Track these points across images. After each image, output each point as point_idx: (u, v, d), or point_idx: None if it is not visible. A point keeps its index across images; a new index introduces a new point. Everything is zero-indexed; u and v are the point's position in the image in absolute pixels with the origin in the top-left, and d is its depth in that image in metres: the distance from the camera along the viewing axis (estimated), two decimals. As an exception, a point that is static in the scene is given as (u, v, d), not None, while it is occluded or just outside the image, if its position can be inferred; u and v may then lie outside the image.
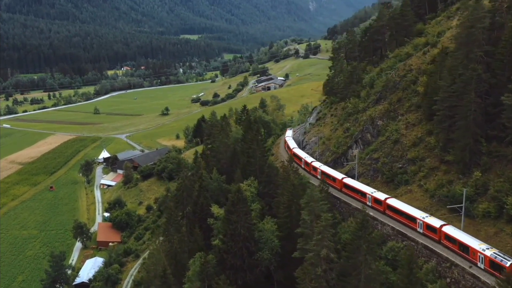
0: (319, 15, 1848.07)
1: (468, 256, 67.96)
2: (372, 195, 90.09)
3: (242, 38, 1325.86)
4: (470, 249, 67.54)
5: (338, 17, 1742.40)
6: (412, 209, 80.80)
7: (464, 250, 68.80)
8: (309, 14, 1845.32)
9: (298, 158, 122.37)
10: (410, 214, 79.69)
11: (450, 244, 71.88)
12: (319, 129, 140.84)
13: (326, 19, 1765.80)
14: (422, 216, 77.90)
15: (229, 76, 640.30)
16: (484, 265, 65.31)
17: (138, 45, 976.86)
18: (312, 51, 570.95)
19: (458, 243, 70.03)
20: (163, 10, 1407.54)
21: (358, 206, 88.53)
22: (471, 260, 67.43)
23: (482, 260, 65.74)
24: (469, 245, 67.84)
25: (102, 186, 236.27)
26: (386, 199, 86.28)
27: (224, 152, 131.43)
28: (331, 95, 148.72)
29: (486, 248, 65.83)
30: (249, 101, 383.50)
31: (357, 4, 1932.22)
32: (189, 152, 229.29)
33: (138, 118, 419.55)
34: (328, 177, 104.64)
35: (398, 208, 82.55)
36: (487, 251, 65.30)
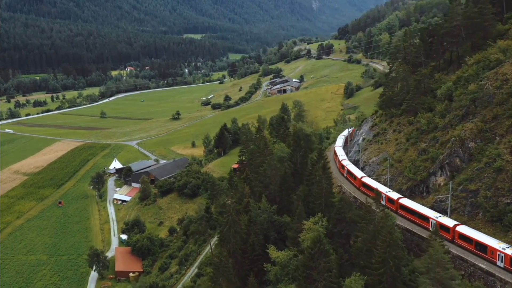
0: (322, 14, 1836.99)
1: (486, 255, 68.20)
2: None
3: (246, 38, 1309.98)
4: (489, 248, 67.73)
5: (341, 16, 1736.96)
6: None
7: (482, 250, 69.14)
8: (313, 13, 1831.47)
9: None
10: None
11: (466, 244, 72.59)
12: (380, 147, 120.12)
13: (329, 18, 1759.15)
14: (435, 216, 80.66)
15: (238, 77, 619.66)
16: (504, 264, 65.20)
17: (141, 45, 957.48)
18: (324, 52, 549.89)
19: (475, 242, 70.57)
20: (166, 9, 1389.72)
21: (482, 263, 68.91)
22: (489, 259, 67.60)
23: (502, 259, 65.75)
24: (488, 244, 68.12)
25: (116, 202, 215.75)
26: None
27: (272, 176, 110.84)
28: (390, 107, 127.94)
29: (506, 247, 65.97)
30: (266, 104, 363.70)
31: (360, 3, 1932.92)
32: (212, 165, 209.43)
33: (148, 122, 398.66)
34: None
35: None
36: (507, 249, 65.29)
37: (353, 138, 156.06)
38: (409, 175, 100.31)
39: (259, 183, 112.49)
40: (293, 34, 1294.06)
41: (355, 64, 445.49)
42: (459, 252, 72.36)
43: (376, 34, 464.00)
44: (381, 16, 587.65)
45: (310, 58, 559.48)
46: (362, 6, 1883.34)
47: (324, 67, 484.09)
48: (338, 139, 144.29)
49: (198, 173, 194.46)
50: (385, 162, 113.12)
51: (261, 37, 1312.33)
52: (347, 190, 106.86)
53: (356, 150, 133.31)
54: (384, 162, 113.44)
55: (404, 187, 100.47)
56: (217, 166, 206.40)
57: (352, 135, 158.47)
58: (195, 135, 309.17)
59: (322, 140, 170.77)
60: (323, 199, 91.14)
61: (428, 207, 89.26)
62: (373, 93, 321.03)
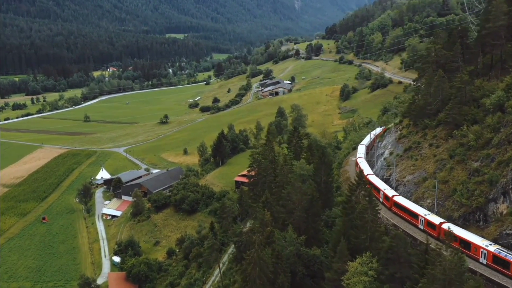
0: (304, 14, 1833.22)
1: (470, 252, 71.34)
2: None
3: (229, 37, 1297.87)
4: (472, 245, 71.08)
5: (324, 16, 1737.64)
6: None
7: (466, 247, 72.01)
8: (295, 12, 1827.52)
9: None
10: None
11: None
12: (416, 163, 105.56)
13: (311, 18, 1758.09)
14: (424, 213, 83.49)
15: (225, 78, 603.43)
16: (487, 261, 68.44)
17: (123, 45, 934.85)
18: (314, 52, 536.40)
19: (459, 240, 73.51)
20: (148, 8, 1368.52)
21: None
22: (473, 256, 70.77)
23: (484, 255, 69.08)
24: (472, 242, 71.58)
25: (105, 217, 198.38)
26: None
27: (298, 200, 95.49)
28: (422, 117, 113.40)
29: (489, 244, 69.50)
30: (258, 108, 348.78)
31: (342, 3, 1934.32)
32: (211, 177, 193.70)
33: (135, 127, 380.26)
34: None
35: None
36: (490, 247, 68.84)
37: (373, 146, 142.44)
38: (461, 200, 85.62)
39: (282, 208, 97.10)
40: (276, 34, 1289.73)
41: (347, 64, 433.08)
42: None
43: (368, 34, 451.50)
44: (370, 15, 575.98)
45: (299, 59, 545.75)
46: (344, 5, 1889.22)
47: (315, 67, 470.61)
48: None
49: (196, 186, 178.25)
50: (424, 182, 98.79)
51: (244, 37, 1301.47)
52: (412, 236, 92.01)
53: (383, 166, 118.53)
54: (423, 182, 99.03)
55: (455, 214, 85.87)
56: (216, 178, 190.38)
57: (374, 141, 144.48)
58: (187, 141, 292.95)
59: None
60: (368, 234, 76.18)
61: (491, 240, 75.51)
62: (371, 95, 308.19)
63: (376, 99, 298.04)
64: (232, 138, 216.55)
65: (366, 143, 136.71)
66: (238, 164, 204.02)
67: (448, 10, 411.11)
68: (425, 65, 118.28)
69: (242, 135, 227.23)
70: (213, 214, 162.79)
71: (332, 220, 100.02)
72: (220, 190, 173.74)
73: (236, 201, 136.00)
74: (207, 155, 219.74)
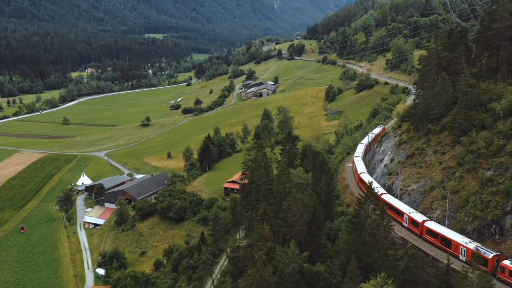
0: (284, 14, 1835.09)
1: (451, 249, 74.10)
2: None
3: (209, 37, 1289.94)
4: (453, 242, 73.51)
5: (303, 16, 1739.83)
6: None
7: (447, 244, 74.96)
8: (274, 12, 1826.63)
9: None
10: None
11: (432, 239, 77.68)
12: (420, 171, 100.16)
13: (291, 18, 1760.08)
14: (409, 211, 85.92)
15: (206, 79, 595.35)
16: (466, 258, 71.16)
17: (102, 45, 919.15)
18: (296, 52, 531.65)
19: (441, 237, 75.88)
20: (126, 8, 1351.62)
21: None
22: (453, 253, 73.11)
23: (464, 252, 71.79)
24: (452, 239, 74.02)
25: (88, 225, 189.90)
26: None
27: (299, 213, 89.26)
28: (424, 122, 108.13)
29: (469, 242, 72.56)
30: (243, 109, 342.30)
31: (321, 3, 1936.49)
32: (198, 183, 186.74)
33: (115, 130, 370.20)
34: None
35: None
36: (469, 244, 71.85)
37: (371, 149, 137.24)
38: (474, 212, 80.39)
39: (282, 221, 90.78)
40: (256, 34, 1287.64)
41: (331, 65, 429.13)
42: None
43: (351, 34, 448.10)
44: (352, 15, 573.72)
45: (282, 59, 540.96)
46: (323, 5, 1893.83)
47: (298, 68, 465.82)
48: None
49: (183, 193, 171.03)
50: (432, 191, 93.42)
51: (224, 37, 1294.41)
52: (399, 235, 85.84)
53: (384, 173, 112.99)
54: (430, 192, 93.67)
55: (468, 227, 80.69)
56: (204, 184, 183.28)
57: (375, 141, 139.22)
58: (170, 144, 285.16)
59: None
60: (381, 252, 70.33)
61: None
62: (357, 97, 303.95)
63: (363, 100, 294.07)
64: (219, 142, 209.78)
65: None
66: (226, 169, 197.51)
67: (431, 10, 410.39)
68: (427, 67, 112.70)
69: (228, 139, 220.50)
70: (202, 223, 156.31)
71: (334, 233, 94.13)
72: (208, 197, 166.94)
73: (229, 210, 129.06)
74: (193, 160, 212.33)
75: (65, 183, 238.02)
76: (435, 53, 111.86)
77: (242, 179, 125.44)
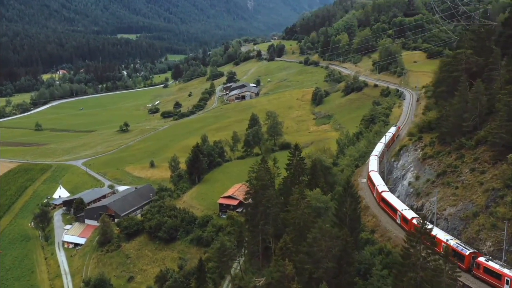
0: (258, 14, 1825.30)
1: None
2: None
3: (183, 38, 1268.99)
4: (436, 239, 71.36)
5: (277, 16, 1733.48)
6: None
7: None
8: (248, 12, 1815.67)
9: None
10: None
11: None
12: (456, 192, 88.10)
13: (265, 18, 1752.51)
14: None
15: (184, 80, 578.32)
16: None
17: (74, 46, 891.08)
18: (276, 53, 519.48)
19: None
20: (97, 8, 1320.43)
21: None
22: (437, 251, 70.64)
23: (445, 249, 69.38)
24: (436, 236, 72.49)
25: (67, 245, 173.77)
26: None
27: (327, 247, 76.28)
28: (455, 135, 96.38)
29: (450, 239, 75.60)
30: (226, 113, 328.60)
31: (294, 3, 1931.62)
32: (188, 197, 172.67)
33: (92, 136, 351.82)
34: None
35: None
36: (451, 241, 74.62)
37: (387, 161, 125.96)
38: (537, 245, 68.87)
39: (307, 256, 77.64)
40: (230, 34, 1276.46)
41: (313, 66, 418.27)
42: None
43: (334, 35, 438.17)
44: (331, 15, 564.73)
45: (261, 60, 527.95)
46: (296, 6, 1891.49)
47: (279, 69, 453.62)
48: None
49: (173, 209, 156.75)
50: (475, 217, 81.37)
51: (199, 37, 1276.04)
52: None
53: (409, 193, 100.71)
54: (473, 218, 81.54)
55: (528, 263, 69.12)
56: (195, 199, 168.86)
57: (388, 148, 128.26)
58: (152, 151, 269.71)
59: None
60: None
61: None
62: (346, 100, 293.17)
63: (352, 104, 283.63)
64: (208, 152, 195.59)
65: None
66: (217, 181, 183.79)
67: (414, 9, 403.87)
68: (455, 73, 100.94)
69: (217, 147, 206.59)
70: (196, 243, 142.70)
71: (365, 267, 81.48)
72: (202, 215, 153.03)
73: (234, 236, 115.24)
74: (180, 171, 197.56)
75: (40, 196, 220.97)
76: (463, 58, 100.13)
77: (246, 199, 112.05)
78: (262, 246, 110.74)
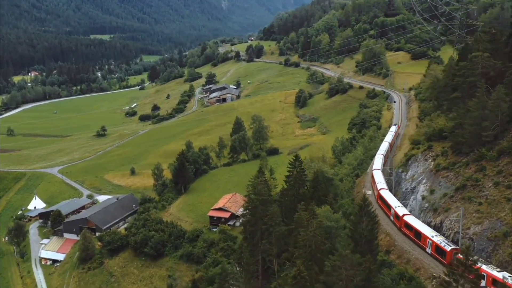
0: (232, 14, 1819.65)
1: (420, 241, 79.66)
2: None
3: (158, 38, 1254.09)
4: (423, 236, 78.90)
5: (252, 16, 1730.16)
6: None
7: (417, 236, 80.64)
8: (223, 12, 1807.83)
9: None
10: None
11: (408, 232, 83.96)
12: (480, 209, 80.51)
13: (239, 18, 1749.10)
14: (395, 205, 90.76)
15: (161, 82, 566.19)
16: (431, 250, 76.34)
17: (45, 47, 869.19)
18: (255, 54, 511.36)
19: (414, 231, 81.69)
20: (69, 8, 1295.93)
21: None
22: (422, 246, 79.04)
23: (430, 245, 76.81)
24: (422, 232, 79.40)
25: (45, 262, 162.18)
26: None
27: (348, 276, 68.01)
28: (474, 145, 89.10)
29: (435, 235, 77.40)
30: (207, 117, 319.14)
31: (268, 3, 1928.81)
32: (175, 209, 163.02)
33: (68, 141, 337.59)
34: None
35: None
36: (435, 237, 76.51)
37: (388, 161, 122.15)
38: None
39: (324, 286, 69.29)
40: (205, 34, 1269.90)
41: (294, 67, 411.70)
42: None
43: (314, 35, 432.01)
44: (310, 16, 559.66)
45: (240, 61, 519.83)
46: (270, 6, 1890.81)
47: (259, 70, 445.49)
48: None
49: (160, 223, 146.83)
50: (506, 238, 73.95)
51: (173, 38, 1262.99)
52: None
53: (424, 207, 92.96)
54: (504, 238, 74.03)
55: None
56: (183, 211, 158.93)
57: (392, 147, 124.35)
58: (131, 158, 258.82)
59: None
60: None
61: None
62: (331, 102, 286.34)
63: (337, 106, 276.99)
64: (194, 159, 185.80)
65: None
66: (204, 190, 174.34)
67: (394, 10, 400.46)
68: (471, 78, 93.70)
69: (203, 154, 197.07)
70: (186, 260, 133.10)
71: (386, 294, 73.62)
72: (191, 228, 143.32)
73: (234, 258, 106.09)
74: (164, 179, 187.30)
75: (14, 208, 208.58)
76: (480, 61, 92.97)
77: (245, 215, 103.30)
78: (262, 266, 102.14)
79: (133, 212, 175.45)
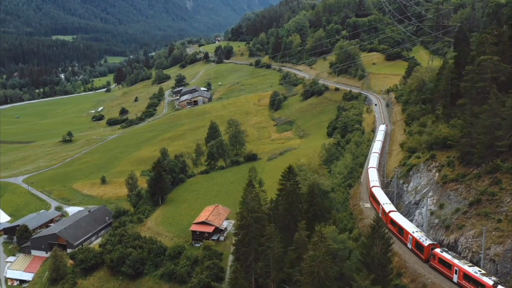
0: (197, 14, 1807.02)
1: (402, 237, 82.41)
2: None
3: (122, 39, 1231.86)
4: (405, 231, 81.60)
5: (217, 16, 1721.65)
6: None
7: (400, 232, 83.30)
8: (188, 13, 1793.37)
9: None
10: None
11: (392, 227, 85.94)
12: (500, 226, 73.91)
13: (204, 18, 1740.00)
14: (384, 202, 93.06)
15: (127, 84, 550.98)
16: (411, 245, 79.22)
17: (5, 48, 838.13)
18: (224, 55, 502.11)
19: (398, 226, 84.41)
20: (30, 8, 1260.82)
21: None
22: (403, 241, 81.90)
23: (410, 240, 79.64)
24: (404, 228, 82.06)
25: (11, 282, 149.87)
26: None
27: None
28: (487, 156, 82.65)
29: (416, 231, 79.66)
30: (179, 120, 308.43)
31: (234, 3, 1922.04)
32: (153, 222, 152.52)
33: (32, 147, 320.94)
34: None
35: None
36: (415, 233, 78.83)
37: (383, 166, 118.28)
38: None
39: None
40: (170, 35, 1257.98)
41: (265, 68, 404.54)
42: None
43: (285, 36, 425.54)
44: (279, 16, 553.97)
45: (209, 62, 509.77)
46: (235, 6, 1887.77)
47: (230, 72, 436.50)
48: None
49: (138, 239, 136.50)
50: (531, 261, 67.65)
51: (138, 38, 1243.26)
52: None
53: (434, 224, 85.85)
54: (529, 261, 67.87)
55: None
56: (161, 225, 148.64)
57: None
58: (101, 165, 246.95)
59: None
60: None
61: None
62: (306, 104, 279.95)
63: (314, 109, 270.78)
64: (171, 168, 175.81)
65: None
66: (183, 201, 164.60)
67: (365, 10, 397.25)
68: (480, 83, 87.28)
69: (179, 161, 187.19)
70: (168, 279, 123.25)
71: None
72: (172, 244, 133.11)
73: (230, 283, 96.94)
74: (139, 189, 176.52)
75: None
76: (489, 65, 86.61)
77: (237, 234, 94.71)
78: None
79: (106, 225, 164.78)
